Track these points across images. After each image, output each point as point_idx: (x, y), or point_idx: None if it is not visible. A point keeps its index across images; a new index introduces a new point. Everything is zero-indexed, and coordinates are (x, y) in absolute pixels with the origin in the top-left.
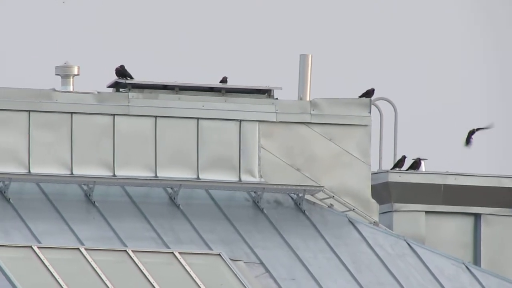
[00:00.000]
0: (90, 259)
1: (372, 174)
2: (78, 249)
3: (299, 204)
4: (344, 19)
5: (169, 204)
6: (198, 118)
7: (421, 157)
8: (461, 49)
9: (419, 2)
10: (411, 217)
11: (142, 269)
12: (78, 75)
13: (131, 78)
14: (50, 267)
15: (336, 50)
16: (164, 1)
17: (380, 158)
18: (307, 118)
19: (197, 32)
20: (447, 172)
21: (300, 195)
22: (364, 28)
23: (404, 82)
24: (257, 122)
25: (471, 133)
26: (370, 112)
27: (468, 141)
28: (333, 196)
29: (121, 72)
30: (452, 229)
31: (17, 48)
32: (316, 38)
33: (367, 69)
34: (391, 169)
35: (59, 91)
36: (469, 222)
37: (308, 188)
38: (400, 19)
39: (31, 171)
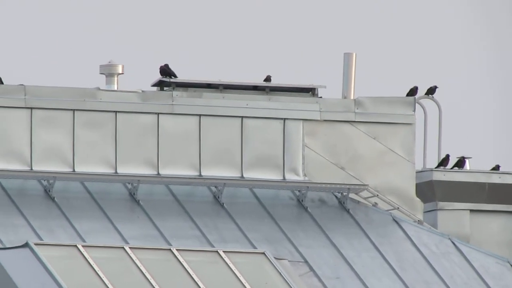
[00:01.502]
0: (134, 258)
1: (416, 172)
2: (123, 247)
3: (343, 202)
4: (389, 17)
5: (213, 203)
6: (242, 117)
7: (465, 156)
8: (506, 47)
9: (463, 1)
10: (455, 216)
11: (186, 268)
12: (122, 74)
13: (175, 76)
14: (94, 266)
15: (380, 48)
16: (203, 2)
17: (425, 156)
18: (351, 117)
19: (242, 30)
20: (496, 165)
21: (344, 193)
22: (408, 27)
23: (448, 80)
24: (301, 121)
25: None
26: (414, 111)
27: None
28: (377, 195)
29: (166, 70)
30: (497, 227)
31: (62, 47)
32: (361, 36)
33: (411, 67)
34: (435, 168)
35: (103, 90)
36: None
37: (352, 186)
38: (441, 16)
39: (76, 170)
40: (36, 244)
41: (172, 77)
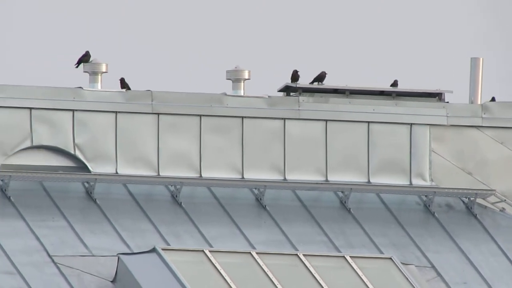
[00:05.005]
0: (261, 263)
1: None
2: (250, 253)
3: (471, 208)
4: None
5: (340, 208)
6: (368, 122)
7: None
8: None
9: None
10: None
11: (313, 273)
12: (249, 79)
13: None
14: (221, 271)
15: (507, 53)
16: (332, 8)
17: None
18: (478, 122)
19: (368, 36)
20: None
21: (471, 198)
22: None
23: None
24: (428, 126)
25: None
26: None
27: None
28: (505, 200)
29: (294, 76)
30: None
31: (189, 53)
32: (487, 41)
33: None
34: None
35: (230, 95)
36: None
37: (479, 192)
38: None
39: (203, 175)
40: (163, 249)
41: (298, 83)
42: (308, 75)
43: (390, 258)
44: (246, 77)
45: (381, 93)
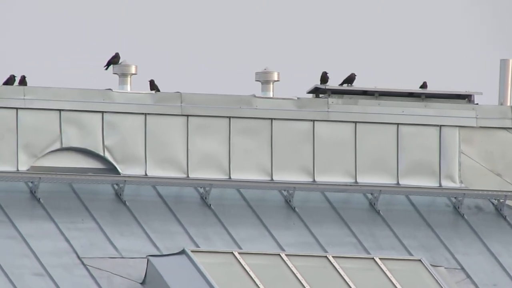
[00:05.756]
0: (290, 265)
1: None
2: (279, 254)
3: (500, 209)
4: None
5: (369, 210)
6: (398, 124)
7: None
8: None
9: None
10: None
11: (342, 275)
12: (278, 81)
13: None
14: (251, 273)
15: None
16: (361, 10)
17: None
18: (508, 123)
19: (397, 37)
20: None
21: (501, 200)
22: None
23: None
24: (457, 127)
25: None
26: None
27: None
28: None
29: (324, 78)
30: None
31: (218, 55)
32: None
33: None
34: None
35: (259, 97)
36: None
37: (509, 193)
38: None
39: (232, 177)
40: (192, 251)
41: (327, 84)
42: (337, 76)
43: (420, 260)
44: (275, 78)
45: (411, 95)
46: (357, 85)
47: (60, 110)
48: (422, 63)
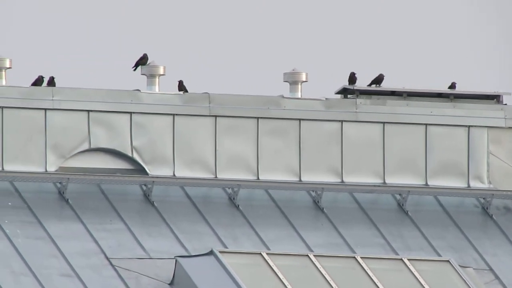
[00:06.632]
0: (319, 266)
1: None
2: (307, 255)
3: None
4: None
5: (397, 211)
6: (426, 124)
7: None
8: None
9: None
10: None
11: (371, 276)
12: (306, 81)
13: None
14: (279, 274)
15: None
16: (390, 10)
17: None
18: None
19: (425, 37)
20: None
21: None
22: None
23: None
24: (486, 128)
25: None
26: None
27: None
28: None
29: (352, 78)
30: None
31: (246, 56)
32: None
33: None
34: None
35: (287, 97)
36: None
37: None
38: None
39: (260, 177)
40: (220, 252)
41: (355, 85)
42: (365, 77)
43: (448, 261)
44: (304, 79)
45: (439, 95)
46: (385, 85)
47: (88, 111)
48: (451, 64)
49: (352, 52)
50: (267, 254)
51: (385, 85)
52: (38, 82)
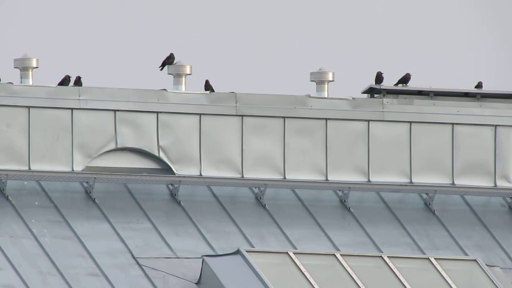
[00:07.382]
0: (345, 265)
1: None
2: (334, 255)
3: None
4: None
5: (424, 210)
6: (453, 124)
7: None
8: None
9: None
10: None
11: (397, 275)
12: (332, 81)
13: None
14: (306, 273)
15: None
16: (416, 10)
17: None
18: None
19: (451, 37)
20: None
21: None
22: None
23: None
24: None
25: None
26: None
27: None
28: None
29: (378, 78)
30: None
31: (273, 55)
32: None
33: None
34: None
35: (314, 97)
36: None
37: None
38: None
39: (287, 177)
40: (247, 251)
41: (382, 84)
42: (392, 77)
43: (475, 260)
44: (330, 79)
45: (466, 95)
46: (412, 85)
47: (115, 111)
48: (478, 63)
49: (379, 51)
50: (293, 253)
51: (411, 85)
52: (64, 81)
